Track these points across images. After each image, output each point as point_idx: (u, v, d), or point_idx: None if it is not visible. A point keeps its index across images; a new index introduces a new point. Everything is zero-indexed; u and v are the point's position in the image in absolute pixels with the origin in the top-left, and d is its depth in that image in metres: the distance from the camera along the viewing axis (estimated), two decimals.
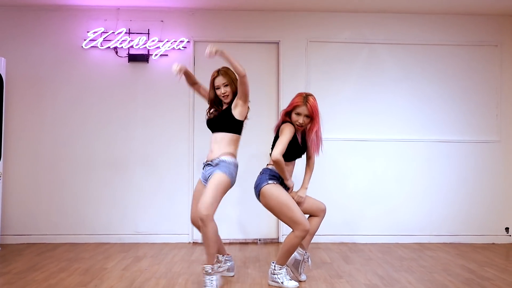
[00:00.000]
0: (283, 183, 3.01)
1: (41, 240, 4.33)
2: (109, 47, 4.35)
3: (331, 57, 4.51)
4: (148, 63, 4.42)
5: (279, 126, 3.01)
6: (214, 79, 3.00)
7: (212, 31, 4.46)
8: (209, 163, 2.96)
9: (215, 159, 2.92)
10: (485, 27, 4.59)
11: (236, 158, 2.97)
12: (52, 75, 4.40)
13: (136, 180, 4.42)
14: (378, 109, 4.52)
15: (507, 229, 4.54)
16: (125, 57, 4.41)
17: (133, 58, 4.38)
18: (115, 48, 4.38)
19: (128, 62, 4.42)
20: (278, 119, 3.30)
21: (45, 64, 4.41)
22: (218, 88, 2.99)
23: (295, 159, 3.04)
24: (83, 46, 4.37)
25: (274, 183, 2.93)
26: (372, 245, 4.33)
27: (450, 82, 4.56)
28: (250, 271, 3.42)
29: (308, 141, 3.01)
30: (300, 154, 3.05)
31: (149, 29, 4.42)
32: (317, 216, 3.13)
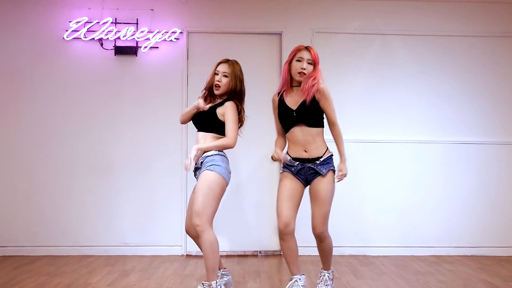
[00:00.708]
0: (290, 169, 2.95)
1: (18, 252, 4.25)
2: (93, 38, 4.27)
3: (339, 50, 4.42)
4: (136, 56, 4.32)
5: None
6: (219, 64, 3.02)
7: (207, 21, 4.36)
8: (196, 166, 2.95)
9: (199, 159, 2.92)
10: (510, 16, 4.48)
11: (223, 151, 2.94)
12: (30, 70, 4.31)
13: (123, 186, 4.32)
14: (391, 107, 4.42)
15: None
16: (111, 49, 4.32)
17: (120, 51, 4.29)
18: (100, 39, 4.29)
19: (115, 55, 4.32)
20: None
21: (22, 57, 4.30)
22: (216, 74, 2.99)
23: (289, 127, 2.94)
24: (65, 37, 4.26)
25: (281, 172, 3.00)
26: (384, 257, 4.25)
27: (471, 77, 4.46)
28: (249, 286, 3.36)
29: (321, 103, 2.90)
30: (295, 119, 2.91)
31: (137, 19, 4.32)
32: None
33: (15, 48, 4.26)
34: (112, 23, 4.24)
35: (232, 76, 2.94)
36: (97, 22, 4.22)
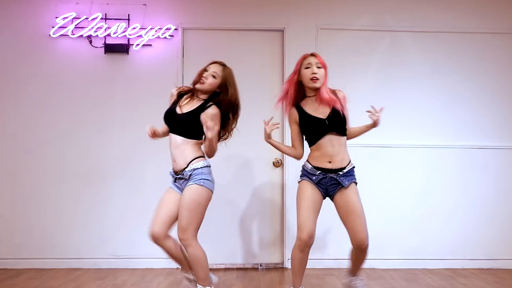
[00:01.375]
0: (311, 177, 2.99)
1: (1, 265, 4.19)
2: (81, 35, 4.24)
3: (345, 48, 4.38)
4: (128, 54, 4.29)
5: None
6: (213, 63, 3.06)
7: (204, 17, 4.32)
8: (180, 176, 2.96)
9: (185, 170, 2.93)
10: None
11: (206, 158, 3.00)
12: (14, 69, 4.27)
13: (114, 194, 4.29)
14: (401, 109, 4.38)
15: None
16: (101, 47, 4.28)
17: (110, 49, 4.26)
18: (89, 36, 4.26)
19: (105, 54, 4.29)
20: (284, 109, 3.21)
21: (5, 56, 4.26)
22: (206, 71, 3.01)
23: (319, 137, 2.96)
24: (51, 34, 4.22)
25: (300, 180, 3.04)
26: (394, 271, 4.20)
27: (487, 77, 4.40)
28: None
29: (344, 110, 3.06)
30: (327, 128, 2.95)
31: (129, 14, 4.28)
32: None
33: None
34: (102, 19, 4.23)
35: (220, 78, 2.98)
36: (86, 18, 4.20)
